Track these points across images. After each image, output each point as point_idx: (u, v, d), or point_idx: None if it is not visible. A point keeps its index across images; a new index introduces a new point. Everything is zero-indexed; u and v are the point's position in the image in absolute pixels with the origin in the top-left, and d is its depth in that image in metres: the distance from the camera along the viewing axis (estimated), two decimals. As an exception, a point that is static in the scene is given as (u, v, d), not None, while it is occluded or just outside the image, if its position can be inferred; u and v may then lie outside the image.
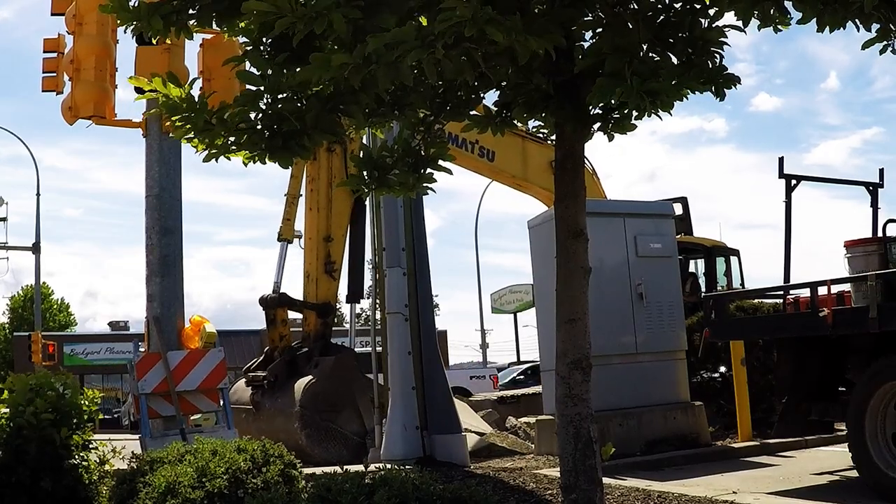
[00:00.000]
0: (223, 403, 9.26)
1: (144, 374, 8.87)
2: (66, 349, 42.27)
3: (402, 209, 9.38)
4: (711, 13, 3.93)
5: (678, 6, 3.98)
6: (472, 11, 3.25)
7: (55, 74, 9.92)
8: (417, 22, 3.55)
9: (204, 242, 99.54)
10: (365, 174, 4.85)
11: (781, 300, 8.68)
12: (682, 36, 3.96)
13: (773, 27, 3.86)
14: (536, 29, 3.53)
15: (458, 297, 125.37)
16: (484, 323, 40.97)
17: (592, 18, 4.05)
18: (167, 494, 5.09)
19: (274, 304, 12.46)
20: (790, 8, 3.77)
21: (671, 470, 7.95)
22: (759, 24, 3.83)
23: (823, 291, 6.90)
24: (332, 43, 3.73)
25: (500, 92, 4.62)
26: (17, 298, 50.83)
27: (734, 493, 6.48)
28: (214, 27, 4.35)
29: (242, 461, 5.31)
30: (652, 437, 8.94)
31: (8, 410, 6.20)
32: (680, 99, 3.90)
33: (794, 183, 11.11)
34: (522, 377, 25.95)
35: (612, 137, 4.34)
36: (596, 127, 4.36)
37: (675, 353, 9.55)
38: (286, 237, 13.11)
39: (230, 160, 4.43)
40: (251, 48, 4.14)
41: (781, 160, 11.00)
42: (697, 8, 3.96)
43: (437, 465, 8.33)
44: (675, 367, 9.49)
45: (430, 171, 4.87)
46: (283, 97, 4.16)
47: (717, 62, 4.00)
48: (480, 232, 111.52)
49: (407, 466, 6.37)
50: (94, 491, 6.20)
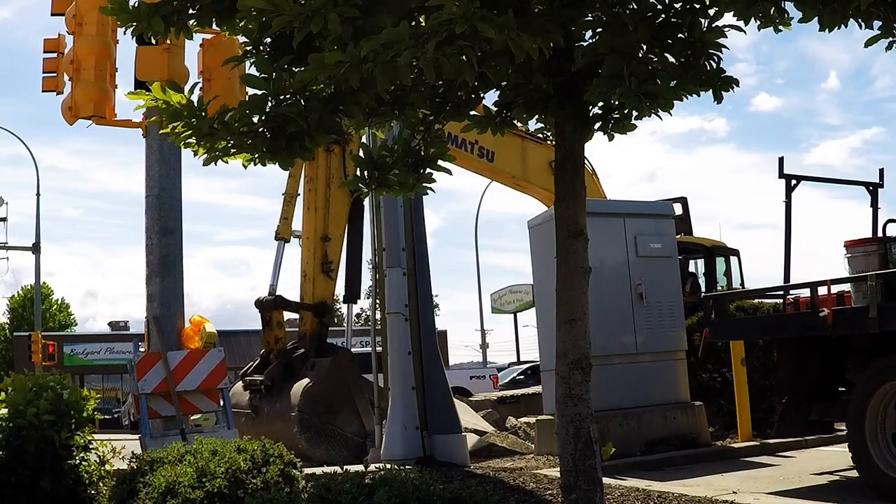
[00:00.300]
0: (223, 403, 9.26)
1: (144, 374, 8.87)
2: (66, 349, 42.27)
3: (402, 209, 9.38)
4: (711, 13, 3.93)
5: (678, 6, 3.98)
6: (462, 9, 3.25)
7: (55, 74, 9.93)
8: (413, 21, 3.54)
9: (204, 242, 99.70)
10: (365, 174, 4.85)
11: (781, 300, 8.68)
12: (680, 37, 3.96)
13: (773, 27, 3.87)
14: (535, 28, 3.52)
15: (458, 297, 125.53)
16: (484, 323, 41.04)
17: (592, 18, 4.05)
18: (167, 494, 5.09)
19: (269, 306, 12.43)
20: (790, 8, 3.78)
21: (671, 470, 7.95)
22: (758, 24, 3.84)
23: (823, 291, 6.90)
24: (331, 44, 3.72)
25: (499, 92, 4.62)
26: (17, 298, 50.82)
27: (734, 493, 6.49)
28: (214, 27, 4.35)
29: (242, 461, 5.31)
30: (652, 437, 8.94)
31: (7, 411, 6.20)
32: (678, 99, 3.91)
33: (794, 183, 11.11)
34: (522, 377, 25.97)
35: (612, 137, 4.34)
36: (596, 127, 4.36)
37: (675, 353, 9.55)
38: (283, 236, 13.11)
39: (228, 163, 4.43)
40: (252, 50, 4.14)
41: (781, 160, 11.01)
42: (697, 8, 3.96)
43: (437, 465, 8.33)
44: (675, 367, 9.49)
45: (429, 171, 4.87)
46: (286, 99, 4.17)
47: (715, 64, 4.00)
48: (480, 232, 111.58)
49: (407, 466, 6.37)
50: (93, 491, 6.19)
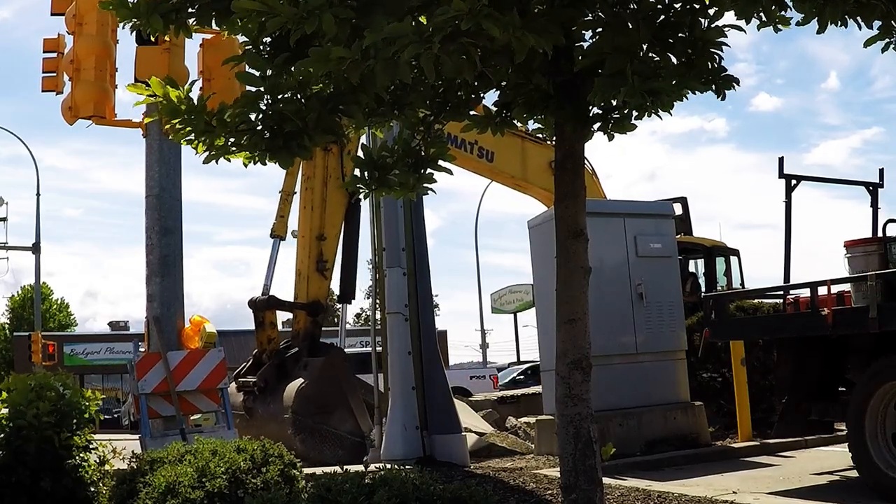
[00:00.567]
0: (223, 403, 9.26)
1: (144, 374, 8.88)
2: (66, 349, 42.27)
3: (402, 209, 9.38)
4: (711, 13, 3.93)
5: (678, 6, 3.98)
6: (468, 5, 3.24)
7: (55, 74, 9.93)
8: (416, 19, 3.54)
9: (204, 242, 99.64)
10: (365, 174, 4.85)
11: (781, 300, 8.68)
12: (681, 36, 3.96)
13: (773, 27, 3.86)
14: (536, 28, 3.52)
15: (458, 297, 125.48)
16: (484, 323, 41.04)
17: (592, 18, 4.05)
18: (167, 494, 5.09)
19: (262, 306, 12.36)
20: (790, 8, 3.77)
21: (671, 470, 7.95)
22: (759, 23, 3.84)
23: (823, 291, 6.90)
24: (329, 43, 3.72)
25: (499, 92, 4.62)
26: (16, 298, 50.87)
27: (734, 493, 6.49)
28: (214, 26, 4.35)
29: (242, 461, 5.31)
30: (652, 437, 8.94)
31: (7, 411, 6.20)
32: (680, 99, 3.91)
33: (794, 183, 11.12)
34: (522, 377, 25.97)
35: (612, 137, 4.34)
36: (596, 127, 4.36)
37: (675, 353, 9.55)
38: (279, 234, 13.05)
39: (230, 161, 4.43)
40: (250, 48, 4.14)
41: (781, 160, 11.01)
42: (697, 8, 3.96)
43: (437, 465, 8.33)
44: (675, 367, 9.49)
45: (430, 171, 4.87)
46: (284, 97, 4.16)
47: (716, 63, 4.00)
48: (480, 232, 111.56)
49: (407, 466, 6.37)
50: (93, 491, 6.19)
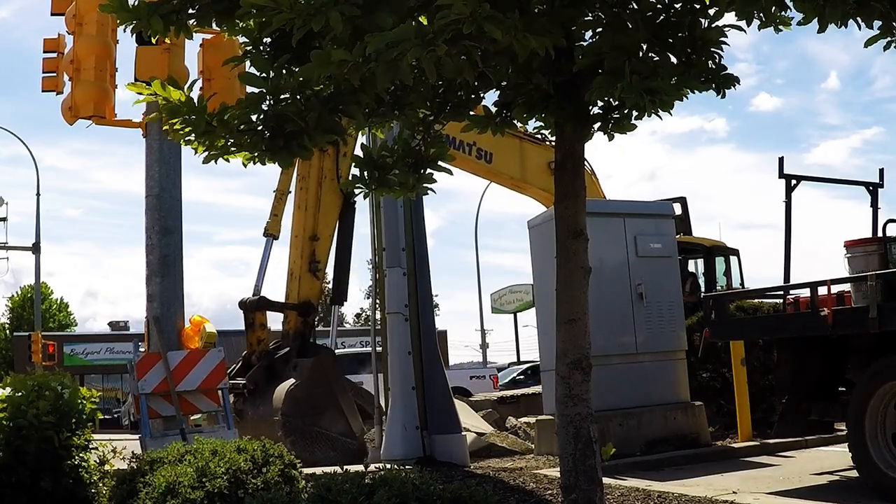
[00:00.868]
0: (223, 403, 9.26)
1: (144, 374, 8.87)
2: (66, 349, 42.23)
3: (402, 209, 9.38)
4: (711, 13, 3.93)
5: (678, 6, 3.98)
6: (470, 8, 3.24)
7: (55, 74, 9.93)
8: (417, 21, 3.54)
9: (204, 242, 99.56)
10: (365, 174, 4.85)
11: (781, 300, 8.68)
12: (681, 36, 3.96)
13: (773, 27, 3.86)
14: (536, 29, 3.52)
15: (458, 297, 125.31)
16: (484, 323, 41.04)
17: (592, 18, 4.05)
18: (167, 494, 5.08)
19: (252, 307, 12.29)
20: (790, 8, 3.77)
21: (671, 470, 7.95)
22: (759, 23, 3.84)
23: (823, 291, 6.89)
24: (331, 43, 3.72)
25: (500, 92, 4.62)
26: (16, 298, 50.84)
27: (734, 493, 6.49)
28: (214, 27, 4.35)
29: (242, 461, 5.31)
30: (652, 437, 8.94)
31: (8, 411, 6.19)
32: (680, 98, 3.91)
33: (794, 183, 11.12)
34: (522, 377, 25.98)
35: (612, 137, 4.35)
36: (596, 127, 4.36)
37: (675, 353, 9.55)
38: (272, 233, 12.99)
39: (228, 161, 4.43)
40: (251, 49, 4.14)
41: (781, 160, 11.02)
42: (697, 8, 3.96)
43: (437, 465, 8.33)
44: (675, 367, 9.49)
45: (429, 171, 4.87)
46: (284, 98, 4.17)
47: (716, 62, 4.00)
48: (480, 232, 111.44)
49: (407, 466, 6.37)
50: (93, 491, 6.19)
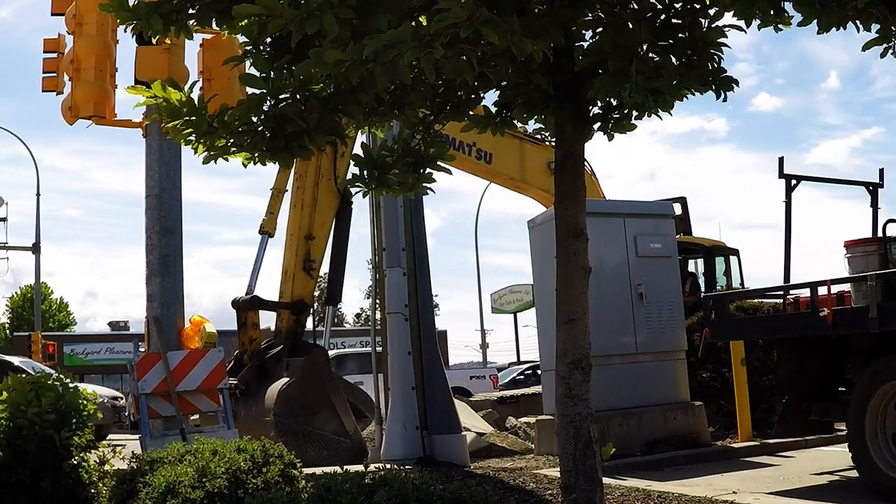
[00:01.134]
0: (223, 403, 9.26)
1: (144, 374, 8.87)
2: (66, 349, 42.26)
3: (402, 209, 9.37)
4: (711, 13, 3.93)
5: (678, 6, 3.98)
6: (468, 12, 3.23)
7: (55, 74, 9.92)
8: (416, 22, 3.54)
9: (204, 242, 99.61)
10: (365, 174, 4.85)
11: (781, 300, 8.68)
12: (682, 37, 3.96)
13: (773, 27, 3.87)
14: (535, 30, 3.52)
15: (458, 297, 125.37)
16: (484, 323, 41.06)
17: (592, 18, 4.05)
18: (167, 494, 5.08)
19: (245, 306, 12.26)
20: (789, 8, 3.78)
21: (671, 470, 7.95)
22: (759, 24, 3.84)
23: (823, 291, 6.89)
24: (331, 44, 3.72)
25: (499, 92, 4.62)
26: (16, 298, 50.86)
27: (734, 493, 6.48)
28: (214, 27, 4.35)
29: (242, 461, 5.31)
30: (652, 437, 8.94)
31: (8, 411, 6.19)
32: (680, 99, 3.91)
33: (794, 183, 11.12)
34: (522, 377, 26.00)
35: (612, 137, 4.35)
36: (596, 127, 4.36)
37: (675, 353, 9.55)
38: (268, 230, 12.96)
39: (228, 161, 4.43)
40: (251, 49, 4.14)
41: (781, 160, 11.02)
42: (697, 8, 3.96)
43: (437, 465, 8.32)
44: (675, 367, 9.49)
45: (429, 170, 4.87)
46: (285, 98, 4.16)
47: (716, 63, 4.00)
48: (480, 232, 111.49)
49: (407, 466, 6.37)
50: (93, 491, 6.19)
